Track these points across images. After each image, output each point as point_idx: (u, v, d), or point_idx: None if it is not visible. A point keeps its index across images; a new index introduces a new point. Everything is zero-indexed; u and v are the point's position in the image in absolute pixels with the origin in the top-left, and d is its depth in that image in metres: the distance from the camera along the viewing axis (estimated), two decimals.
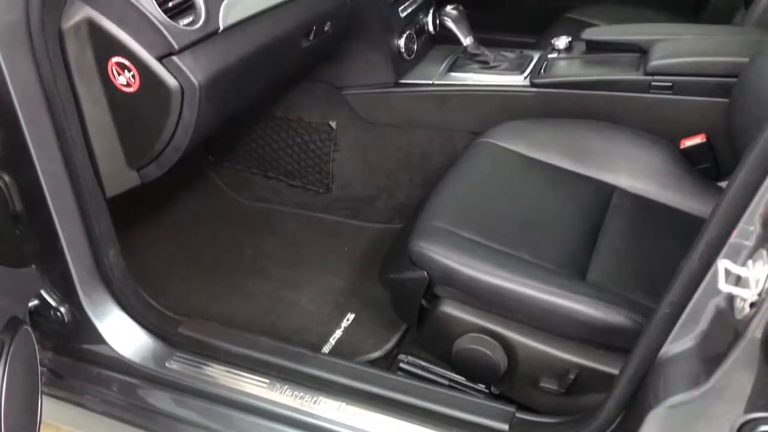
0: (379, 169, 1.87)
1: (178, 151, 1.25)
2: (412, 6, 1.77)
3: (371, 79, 1.76)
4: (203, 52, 1.18)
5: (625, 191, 1.47)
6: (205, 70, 1.18)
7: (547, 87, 1.64)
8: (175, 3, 1.15)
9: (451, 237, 1.29)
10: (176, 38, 1.13)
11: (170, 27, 1.13)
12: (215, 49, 1.21)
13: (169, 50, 1.14)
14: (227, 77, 1.23)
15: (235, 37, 1.25)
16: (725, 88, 1.47)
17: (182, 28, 1.15)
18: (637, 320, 1.12)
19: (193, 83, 1.15)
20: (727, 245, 0.85)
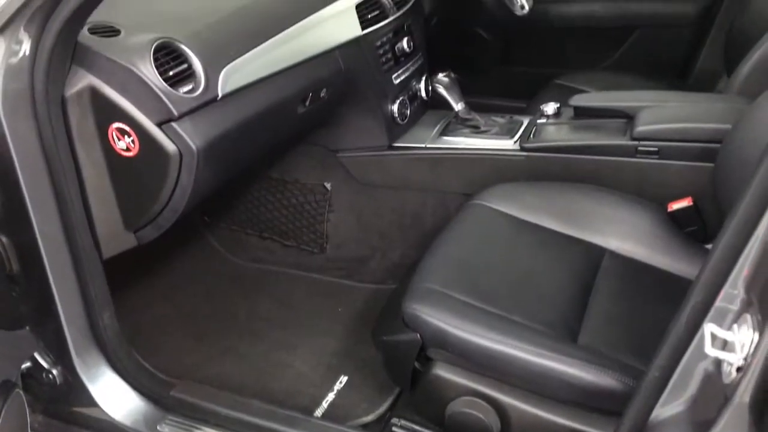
0: (373, 229, 1.89)
1: (176, 214, 1.27)
2: (405, 74, 1.82)
3: (366, 143, 1.80)
4: (202, 118, 1.22)
5: (614, 253, 1.50)
6: (204, 136, 1.21)
7: (537, 151, 1.68)
8: (176, 72, 1.19)
9: (444, 299, 1.30)
10: (176, 106, 1.17)
11: (170, 95, 1.17)
12: (214, 115, 1.25)
13: (169, 117, 1.17)
14: (225, 142, 1.27)
15: (233, 103, 1.29)
16: (710, 153, 1.51)
17: (182, 96, 1.19)
18: (629, 383, 1.13)
19: (191, 148, 1.19)
20: (713, 309, 0.87)
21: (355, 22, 1.64)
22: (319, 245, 1.93)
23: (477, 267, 1.41)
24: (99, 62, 1.15)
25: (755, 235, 0.81)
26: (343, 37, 1.60)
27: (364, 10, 1.68)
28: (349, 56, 1.61)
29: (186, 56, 1.22)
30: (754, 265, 0.81)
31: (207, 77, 1.23)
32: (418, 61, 1.89)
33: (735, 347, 0.81)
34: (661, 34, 2.38)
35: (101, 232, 1.26)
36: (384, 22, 1.72)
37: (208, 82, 1.23)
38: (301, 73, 1.47)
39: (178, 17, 1.29)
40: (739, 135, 1.39)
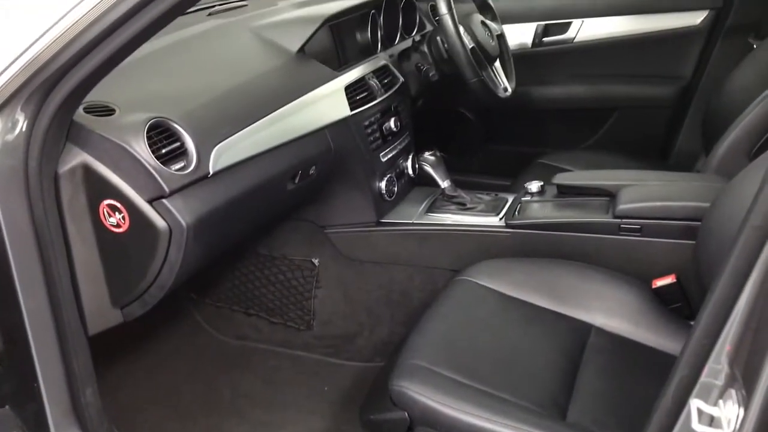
0: (361, 306, 1.89)
1: (162, 290, 1.27)
2: (392, 152, 1.86)
3: (354, 219, 1.82)
4: (192, 194, 1.24)
5: (601, 330, 1.50)
6: (194, 212, 1.23)
7: (522, 228, 1.71)
8: (168, 149, 1.22)
9: (432, 376, 1.30)
10: (167, 182, 1.19)
11: (162, 172, 1.19)
12: (204, 191, 1.27)
13: (160, 193, 1.19)
14: (215, 218, 1.28)
15: (223, 180, 1.32)
16: (691, 230, 1.54)
17: (174, 173, 1.21)
18: None
19: (181, 224, 1.20)
20: (698, 384, 0.87)
21: (344, 102, 1.69)
22: (306, 322, 1.93)
23: (464, 343, 1.41)
24: (93, 140, 1.17)
25: (735, 310, 0.83)
26: (332, 116, 1.64)
27: (353, 91, 1.74)
28: (338, 135, 1.66)
29: (179, 134, 1.25)
30: (736, 340, 0.82)
31: (199, 155, 1.26)
32: (405, 140, 1.94)
33: (722, 423, 0.81)
34: (640, 115, 2.47)
35: (88, 308, 1.26)
36: (372, 104, 1.78)
37: (200, 160, 1.26)
38: (291, 151, 1.50)
39: (172, 97, 1.33)
40: (717, 213, 1.42)
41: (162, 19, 1.01)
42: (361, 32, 1.99)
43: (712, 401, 0.85)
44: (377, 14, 2.03)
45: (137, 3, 0.99)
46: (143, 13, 1.00)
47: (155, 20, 1.00)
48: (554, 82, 2.50)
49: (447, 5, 1.87)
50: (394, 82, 1.92)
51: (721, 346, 0.84)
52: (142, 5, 0.99)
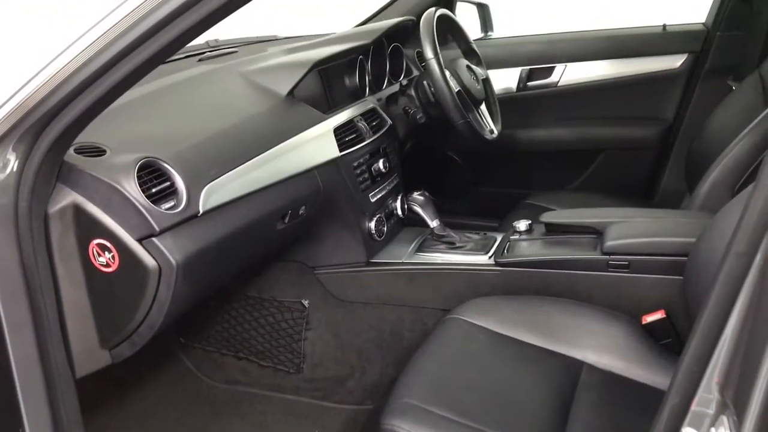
0: (351, 347, 1.88)
1: (152, 330, 1.26)
2: (381, 192, 1.88)
3: (343, 259, 1.83)
4: (182, 233, 1.24)
5: (592, 367, 1.50)
6: (183, 251, 1.23)
7: (511, 266, 1.72)
8: (158, 189, 1.23)
9: (424, 414, 1.29)
10: (157, 221, 1.19)
11: (152, 211, 1.19)
12: (194, 231, 1.27)
13: (150, 232, 1.19)
14: (204, 257, 1.28)
15: (213, 219, 1.32)
16: (679, 266, 1.55)
17: (163, 212, 1.22)
18: None
19: (171, 263, 1.20)
20: (690, 413, 0.87)
21: (333, 144, 1.71)
22: (296, 365, 1.91)
23: (456, 382, 1.40)
24: (83, 180, 1.18)
25: (723, 337, 0.83)
26: (321, 158, 1.66)
27: (342, 133, 1.76)
28: (328, 176, 1.67)
29: (169, 174, 1.26)
30: (726, 367, 0.83)
31: (189, 194, 1.27)
32: (393, 180, 1.96)
33: None
34: (625, 156, 2.51)
35: (76, 349, 1.25)
36: (360, 145, 1.80)
37: (190, 199, 1.27)
38: (280, 191, 1.52)
39: (162, 138, 1.34)
40: (703, 247, 1.44)
41: (149, 64, 1.03)
42: (350, 77, 2.03)
43: (704, 430, 0.85)
44: (365, 60, 2.07)
45: (126, 47, 1.01)
46: (132, 57, 1.02)
47: (142, 64, 1.02)
48: (540, 125, 2.55)
49: (433, 50, 1.92)
50: (382, 124, 1.95)
51: (710, 373, 0.85)
52: (130, 49, 1.01)
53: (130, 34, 1.00)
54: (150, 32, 1.00)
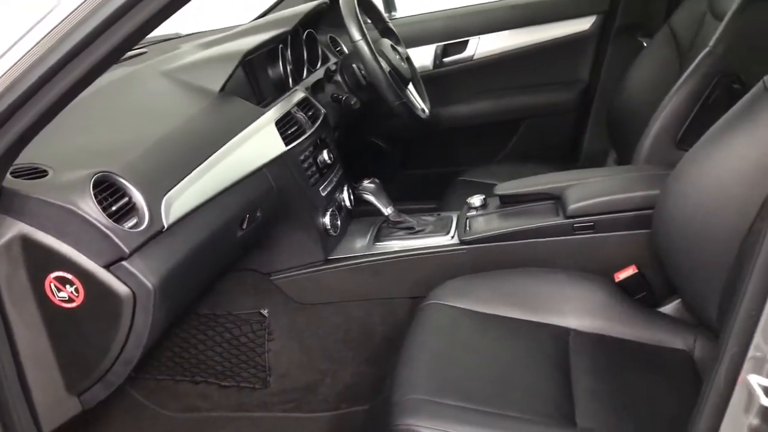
0: (319, 352, 1.78)
1: (129, 365, 1.12)
2: (330, 185, 1.79)
3: (300, 260, 1.72)
4: (152, 252, 1.11)
5: (578, 332, 1.49)
6: (157, 271, 1.09)
7: (477, 243, 1.68)
8: (118, 206, 1.08)
9: (437, 407, 1.22)
10: (125, 242, 1.05)
11: (118, 231, 1.05)
12: (163, 247, 1.14)
13: (119, 256, 1.05)
14: (177, 276, 1.15)
15: (178, 233, 1.19)
16: (644, 219, 1.57)
17: (129, 232, 1.07)
18: None
19: (147, 287, 1.06)
20: (747, 361, 0.85)
21: (277, 138, 1.60)
22: (261, 379, 1.78)
23: (455, 368, 1.35)
24: (29, 206, 1.02)
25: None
26: (269, 154, 1.55)
27: (283, 126, 1.65)
28: (278, 173, 1.56)
29: (125, 189, 1.11)
30: None
31: (150, 209, 1.13)
32: (339, 171, 1.87)
33: None
34: (546, 122, 2.54)
35: (40, 401, 1.08)
36: (304, 137, 1.70)
37: (152, 214, 1.13)
38: (235, 195, 1.39)
39: (107, 150, 1.19)
40: (671, 198, 1.45)
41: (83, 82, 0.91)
42: (272, 68, 1.92)
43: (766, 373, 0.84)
44: (285, 48, 1.96)
45: (57, 62, 0.88)
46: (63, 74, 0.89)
47: (77, 82, 0.90)
48: (460, 100, 2.53)
49: (360, 31, 1.84)
50: (317, 114, 1.85)
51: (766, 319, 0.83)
52: (61, 64, 0.88)
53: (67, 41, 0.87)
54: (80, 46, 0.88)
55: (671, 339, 1.48)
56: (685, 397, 1.35)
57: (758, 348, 0.85)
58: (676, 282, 1.49)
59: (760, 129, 1.30)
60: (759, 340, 0.84)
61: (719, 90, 1.72)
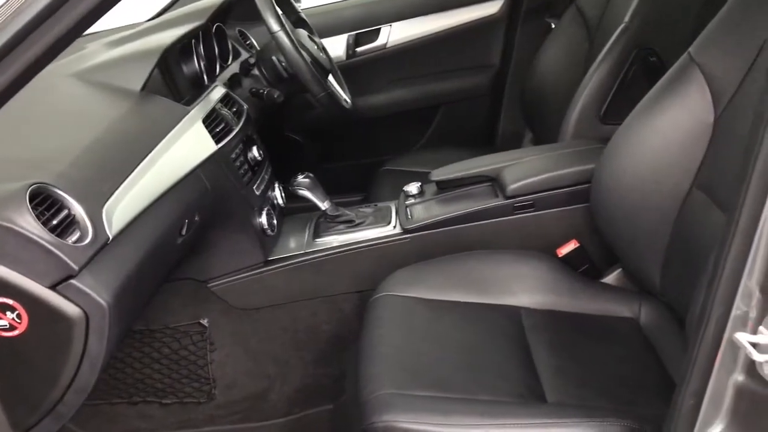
0: (266, 357, 1.70)
1: (83, 394, 1.02)
2: (263, 183, 1.71)
3: (238, 264, 1.64)
4: (101, 267, 1.01)
5: (529, 309, 1.51)
6: (110, 287, 1.00)
7: (420, 230, 1.66)
8: (59, 220, 0.98)
9: (410, 400, 1.20)
10: (74, 259, 0.95)
11: (63, 247, 0.95)
12: (111, 261, 1.04)
13: (67, 274, 0.95)
14: (129, 289, 1.06)
15: (124, 245, 1.09)
16: (581, 194, 1.60)
17: (75, 247, 0.97)
18: (633, 426, 1.10)
19: (100, 305, 0.97)
20: (731, 319, 0.88)
21: (207, 137, 1.51)
22: (206, 392, 1.69)
23: (421, 359, 1.32)
24: None
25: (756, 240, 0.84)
26: (201, 154, 1.46)
27: (210, 124, 1.57)
28: (212, 174, 1.48)
29: (63, 201, 1.01)
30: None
31: (92, 220, 1.03)
32: (269, 168, 1.80)
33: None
34: (462, 107, 2.56)
35: None
36: (232, 134, 1.62)
37: (95, 226, 1.03)
38: (173, 199, 1.30)
39: (33, 160, 1.08)
40: (606, 171, 1.48)
41: None
42: (186, 64, 1.81)
43: (751, 329, 0.86)
44: (197, 44, 1.86)
45: None
46: None
47: None
48: (376, 89, 2.50)
49: (278, 22, 1.77)
50: (241, 109, 1.77)
51: (747, 276, 0.86)
52: None
53: None
54: None
55: (617, 308, 1.52)
56: (638, 361, 1.39)
57: (738, 307, 0.87)
58: (618, 252, 1.53)
59: (691, 98, 1.35)
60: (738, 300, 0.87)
61: (637, 64, 1.78)
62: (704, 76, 1.34)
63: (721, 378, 0.90)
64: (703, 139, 1.34)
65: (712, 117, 1.32)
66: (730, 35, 1.31)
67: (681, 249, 1.37)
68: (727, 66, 1.30)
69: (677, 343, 1.40)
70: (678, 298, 1.40)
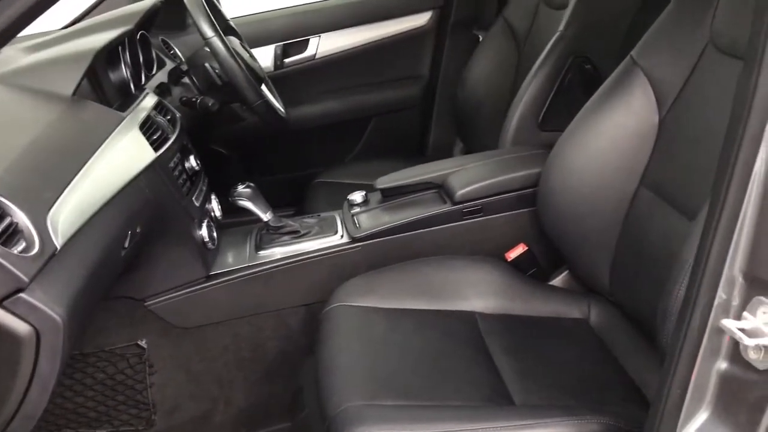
0: (209, 378, 1.61)
1: (32, 421, 0.92)
2: (201, 195, 1.63)
3: (178, 280, 1.54)
4: (51, 279, 0.91)
5: (483, 314, 1.50)
6: (62, 301, 0.91)
7: (370, 239, 1.62)
8: (1, 228, 0.88)
9: (381, 411, 1.15)
10: (23, 271, 0.86)
11: (10, 258, 0.85)
12: (61, 272, 0.94)
13: (15, 287, 0.85)
14: (80, 304, 0.96)
15: (71, 255, 1.00)
16: (527, 198, 1.62)
17: (23, 257, 0.88)
18: (610, 423, 1.10)
19: (54, 320, 0.87)
20: (714, 307, 0.88)
21: (145, 144, 1.42)
22: (145, 419, 1.57)
23: (383, 368, 1.29)
24: None
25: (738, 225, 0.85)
26: (140, 162, 1.37)
27: (147, 131, 1.48)
28: (152, 183, 1.38)
29: (5, 209, 0.91)
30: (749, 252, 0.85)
31: (38, 229, 0.93)
32: (205, 179, 1.71)
33: (764, 331, 0.83)
34: (394, 118, 2.55)
35: None
36: (170, 142, 1.53)
37: (41, 235, 0.93)
38: (116, 209, 1.21)
39: None
40: (553, 174, 1.51)
41: None
42: (113, 70, 1.71)
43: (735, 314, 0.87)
44: (123, 50, 1.76)
45: None
46: None
47: None
48: (306, 101, 2.45)
49: (212, 28, 1.71)
50: (174, 118, 1.68)
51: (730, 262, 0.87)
52: None
53: None
54: None
55: (568, 310, 1.53)
56: (595, 360, 1.41)
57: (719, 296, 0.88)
58: (566, 254, 1.55)
59: (635, 100, 1.39)
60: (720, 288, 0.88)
61: (573, 72, 1.82)
62: (648, 78, 1.38)
63: (704, 367, 0.91)
64: (649, 140, 1.37)
65: (656, 118, 1.36)
66: (672, 38, 1.36)
67: (630, 247, 1.40)
68: (670, 68, 1.35)
69: (629, 341, 1.42)
70: (627, 296, 1.42)
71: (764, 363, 0.84)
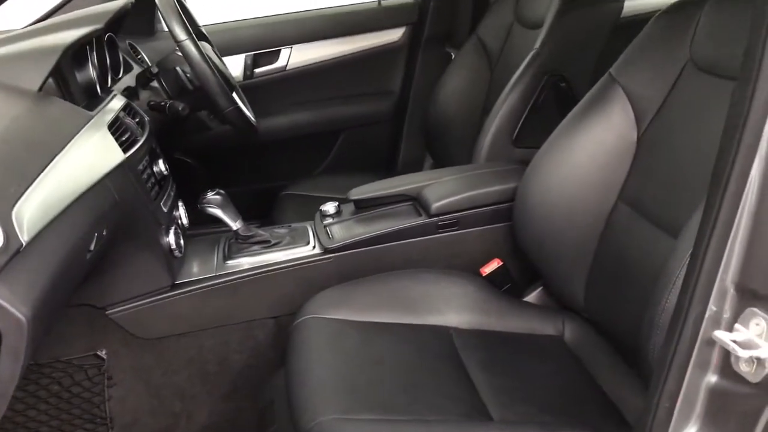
0: (170, 391, 1.54)
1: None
2: (169, 200, 1.57)
3: (142, 288, 1.47)
4: (15, 276, 0.85)
5: (458, 329, 1.47)
6: (27, 299, 0.84)
7: (343, 250, 1.58)
8: None
9: (358, 425, 1.12)
10: None
11: None
12: (26, 270, 0.88)
13: None
14: (45, 304, 0.90)
15: (37, 253, 0.94)
16: (503, 212, 1.60)
17: None
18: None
19: (18, 320, 0.81)
20: (706, 319, 0.87)
21: (114, 145, 1.36)
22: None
23: (358, 381, 1.24)
24: None
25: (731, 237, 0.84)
26: (109, 163, 1.31)
27: (115, 132, 1.42)
28: (120, 185, 1.32)
29: None
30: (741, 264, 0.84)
31: (3, 223, 0.87)
32: (173, 185, 1.66)
33: (756, 343, 0.82)
34: (363, 133, 2.52)
35: None
36: (138, 144, 1.47)
37: (6, 230, 0.87)
38: (83, 209, 1.14)
39: None
40: (530, 189, 1.50)
41: None
42: (79, 70, 1.65)
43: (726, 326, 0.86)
44: (90, 51, 1.70)
45: None
46: None
47: None
48: (275, 112, 2.41)
49: (185, 30, 1.67)
50: (143, 121, 1.63)
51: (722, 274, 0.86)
52: None
53: None
54: None
55: (543, 326, 1.52)
56: (571, 377, 1.39)
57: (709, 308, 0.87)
58: (542, 270, 1.54)
59: (614, 115, 1.39)
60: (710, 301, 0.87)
61: (548, 90, 1.83)
62: (627, 95, 1.39)
63: (694, 379, 0.90)
64: (627, 156, 1.38)
65: (635, 134, 1.37)
66: (651, 56, 1.37)
67: (606, 262, 1.39)
68: (650, 85, 1.36)
69: (604, 358, 1.41)
70: (602, 312, 1.42)
71: (756, 375, 0.83)
